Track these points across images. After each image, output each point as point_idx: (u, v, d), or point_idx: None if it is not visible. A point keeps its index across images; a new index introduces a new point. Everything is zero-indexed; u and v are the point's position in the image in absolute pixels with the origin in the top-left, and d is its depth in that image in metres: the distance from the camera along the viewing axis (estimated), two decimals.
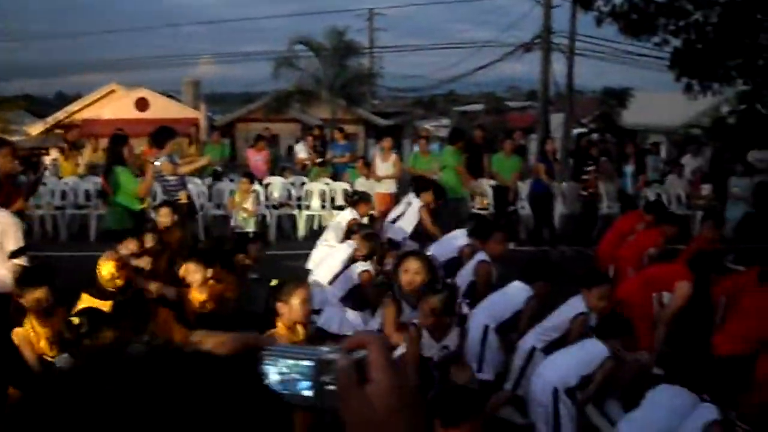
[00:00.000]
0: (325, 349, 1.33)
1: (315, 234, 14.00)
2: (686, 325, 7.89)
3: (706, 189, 18.20)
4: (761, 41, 20.32)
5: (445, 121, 38.21)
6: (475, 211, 15.60)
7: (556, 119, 29.60)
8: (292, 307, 5.62)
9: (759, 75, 21.10)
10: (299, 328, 5.81)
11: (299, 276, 7.58)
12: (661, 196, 17.76)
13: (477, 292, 7.95)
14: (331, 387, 1.29)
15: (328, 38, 30.82)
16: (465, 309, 6.84)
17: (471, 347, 7.23)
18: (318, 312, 7.77)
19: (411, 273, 6.67)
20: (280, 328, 5.61)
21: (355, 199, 12.01)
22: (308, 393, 1.31)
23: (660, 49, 20.84)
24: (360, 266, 7.96)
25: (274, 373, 1.32)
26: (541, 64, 27.81)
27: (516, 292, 7.38)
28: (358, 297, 7.95)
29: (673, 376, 5.76)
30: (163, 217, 10.01)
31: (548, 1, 27.16)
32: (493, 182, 16.09)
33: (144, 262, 8.28)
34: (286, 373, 1.32)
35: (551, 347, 6.59)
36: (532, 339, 6.84)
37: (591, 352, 6.19)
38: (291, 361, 1.32)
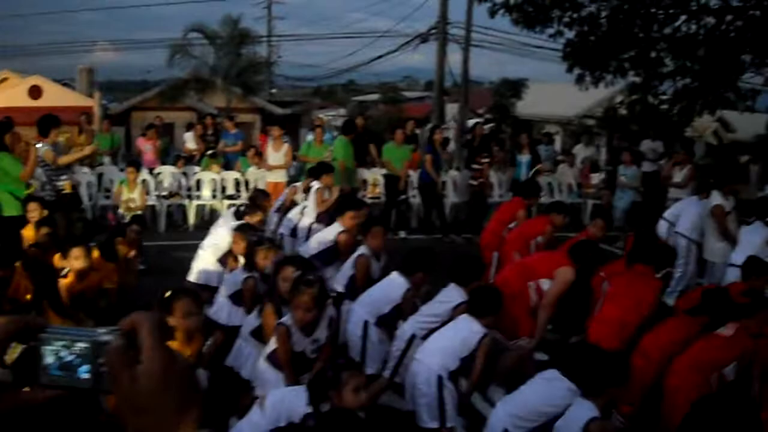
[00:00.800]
0: (101, 330, 1.27)
1: (206, 224, 13.74)
2: (568, 313, 7.96)
3: (596, 178, 18.51)
4: (653, 34, 20.70)
5: (343, 111, 38.13)
6: (367, 200, 15.60)
7: (452, 109, 29.75)
8: (177, 320, 5.53)
9: (651, 67, 21.47)
10: (196, 336, 5.79)
11: (183, 285, 7.43)
12: (552, 185, 18.02)
13: (355, 286, 7.91)
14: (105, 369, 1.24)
15: (222, 26, 30.49)
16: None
17: (352, 343, 7.23)
18: None
19: (289, 281, 6.61)
20: (178, 338, 5.53)
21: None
22: (86, 376, 1.26)
23: (555, 41, 21.05)
24: (244, 273, 7.79)
25: (51, 356, 1.27)
26: (437, 54, 27.87)
27: (393, 285, 7.35)
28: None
29: (556, 362, 5.80)
30: (31, 212, 9.69)
31: None
32: (384, 171, 16.01)
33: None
34: (65, 356, 1.27)
35: (430, 335, 6.57)
36: (411, 327, 6.83)
37: (467, 332, 6.20)
38: (68, 343, 1.27)
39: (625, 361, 5.31)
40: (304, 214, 11.15)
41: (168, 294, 5.74)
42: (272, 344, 6.08)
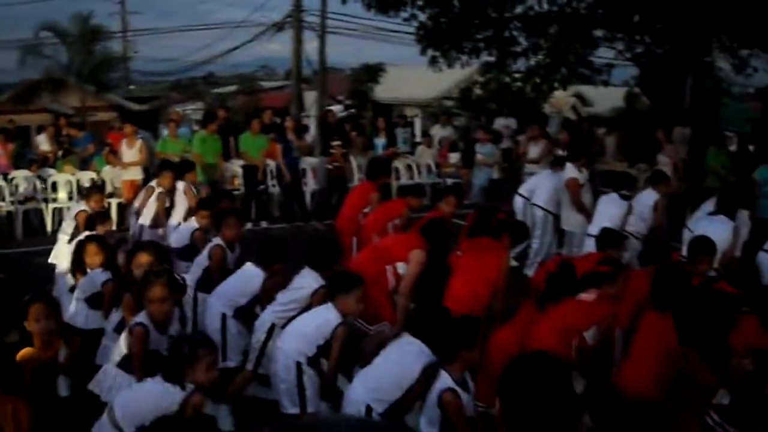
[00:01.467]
0: None
1: None
2: (427, 293, 8.03)
3: (453, 157, 18.81)
4: (506, 14, 21.05)
5: (202, 105, 37.70)
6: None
7: (311, 97, 29.72)
8: (32, 324, 5.46)
9: (505, 46, 21.86)
10: (54, 340, 5.68)
11: (39, 289, 7.28)
12: (411, 166, 18.24)
13: (210, 277, 7.86)
14: None
15: (73, 24, 29.84)
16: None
17: (211, 336, 7.17)
18: None
19: (144, 267, 6.53)
20: (35, 343, 5.46)
21: (85, 192, 11.56)
22: None
23: (409, 24, 21.23)
24: (103, 275, 7.63)
25: None
26: (293, 42, 27.78)
27: (249, 276, 7.33)
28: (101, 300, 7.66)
29: (408, 330, 5.88)
30: None
31: None
32: (242, 162, 15.93)
33: None
34: None
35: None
36: (269, 317, 6.81)
37: (322, 320, 6.22)
38: None
39: (474, 324, 5.39)
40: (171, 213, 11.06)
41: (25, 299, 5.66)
42: (122, 350, 6.05)
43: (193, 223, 9.34)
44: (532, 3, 21.42)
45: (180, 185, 11.15)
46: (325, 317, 6.23)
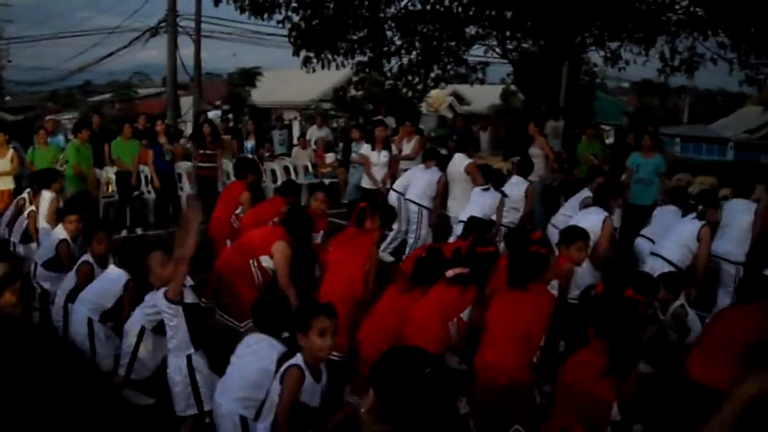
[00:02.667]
0: None
1: None
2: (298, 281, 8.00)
3: (330, 157, 18.87)
4: (381, 14, 21.16)
5: (78, 114, 37.02)
6: (101, 199, 15.28)
7: (188, 103, 29.47)
8: None
9: (379, 46, 21.99)
10: None
11: None
12: (288, 167, 18.22)
13: (78, 290, 7.68)
14: None
15: None
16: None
17: (79, 343, 7.02)
18: None
19: None
20: None
21: None
22: None
23: (283, 27, 21.15)
24: None
25: None
26: (167, 48, 27.49)
27: (112, 278, 7.22)
28: None
29: (256, 323, 5.84)
30: None
31: None
32: (116, 169, 15.64)
33: None
34: None
35: (160, 326, 6.48)
36: (139, 319, 6.72)
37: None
38: None
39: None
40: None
41: None
42: None
43: (59, 231, 9.11)
44: (406, 2, 21.62)
45: (47, 196, 10.91)
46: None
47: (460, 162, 11.98)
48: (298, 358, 4.90)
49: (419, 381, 2.59)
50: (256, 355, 5.49)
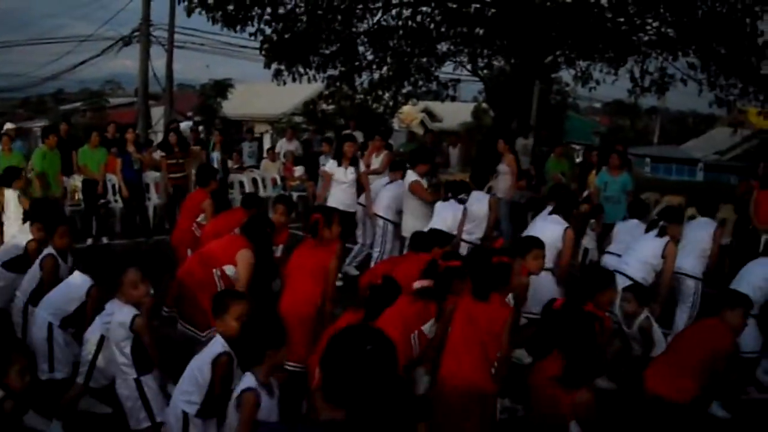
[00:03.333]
0: None
1: None
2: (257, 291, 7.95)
3: (299, 170, 18.87)
4: (353, 29, 21.21)
5: (47, 121, 36.81)
6: (67, 207, 15.17)
7: (159, 113, 29.40)
8: None
9: (351, 60, 22.03)
10: None
11: None
12: (257, 179, 18.20)
13: (42, 288, 7.61)
14: None
15: None
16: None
17: (38, 347, 6.97)
18: None
19: None
20: None
21: None
22: None
23: (256, 39, 21.11)
24: None
25: None
26: (140, 57, 27.42)
27: (75, 284, 7.14)
28: None
29: None
30: None
31: None
32: (82, 177, 15.48)
33: None
34: None
35: None
36: (98, 328, 6.64)
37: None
38: None
39: (279, 324, 5.34)
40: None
41: None
42: None
43: (24, 236, 9.03)
44: (379, 17, 21.68)
45: (10, 194, 10.85)
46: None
47: (407, 179, 11.94)
48: (249, 380, 4.87)
49: (360, 358, 2.55)
50: (203, 356, 5.49)
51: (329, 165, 12.59)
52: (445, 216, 10.88)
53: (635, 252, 9.10)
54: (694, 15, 18.48)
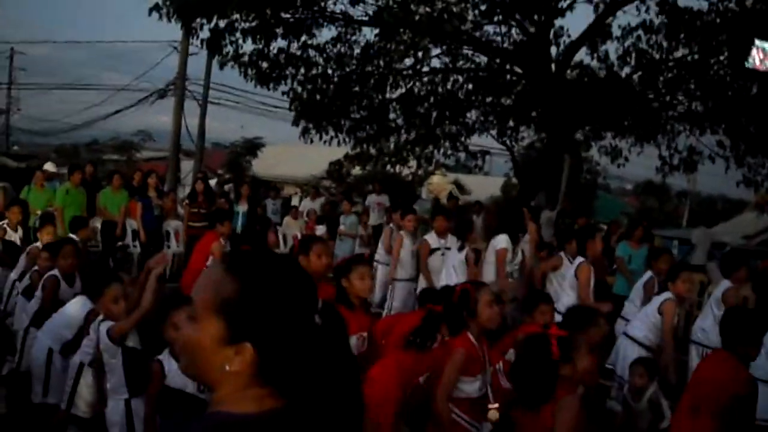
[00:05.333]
0: None
1: None
2: None
3: (320, 229, 18.88)
4: (386, 95, 21.35)
5: None
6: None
7: (188, 167, 29.59)
8: None
9: (382, 124, 22.13)
10: None
11: None
12: (278, 236, 18.24)
13: (44, 310, 7.59)
14: None
15: None
16: None
17: (35, 370, 6.94)
18: None
19: None
20: None
21: None
22: None
23: (288, 99, 21.26)
24: None
25: None
26: (174, 110, 27.67)
27: (75, 308, 7.09)
28: None
29: None
30: None
31: (185, 48, 26.96)
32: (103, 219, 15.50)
33: None
34: None
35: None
36: (79, 356, 6.57)
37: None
38: None
39: None
40: None
41: None
42: None
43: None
44: (410, 85, 21.80)
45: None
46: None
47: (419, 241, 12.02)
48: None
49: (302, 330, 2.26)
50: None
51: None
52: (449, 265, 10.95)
53: (641, 313, 8.97)
54: (724, 93, 18.50)
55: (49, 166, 16.77)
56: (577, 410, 4.60)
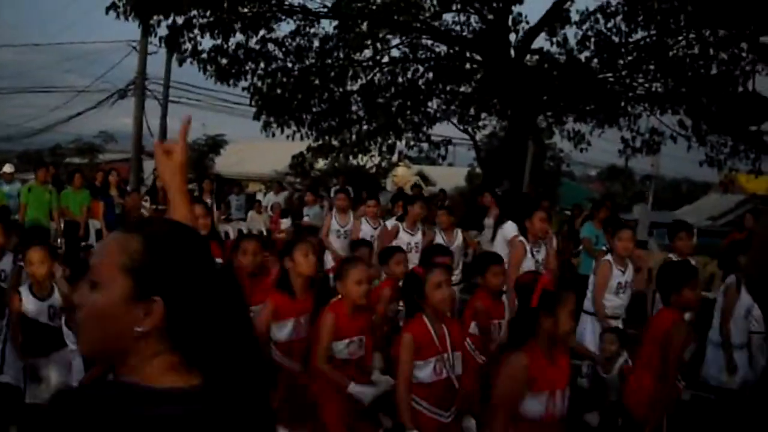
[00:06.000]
0: None
1: None
2: None
3: (285, 223, 18.85)
4: (347, 87, 21.26)
5: None
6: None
7: (151, 167, 29.39)
8: None
9: (342, 116, 22.05)
10: None
11: None
12: (243, 231, 18.15)
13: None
14: None
15: None
16: None
17: (13, 377, 6.90)
18: None
19: None
20: None
21: None
22: None
23: (249, 95, 21.11)
24: None
25: None
26: (134, 110, 27.47)
27: None
28: None
29: None
30: None
31: (144, 47, 26.72)
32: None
33: None
34: None
35: None
36: None
37: None
38: None
39: None
40: None
41: None
42: None
43: None
44: (371, 76, 21.73)
45: None
46: None
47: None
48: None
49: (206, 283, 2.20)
50: None
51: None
52: None
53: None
54: (683, 73, 18.55)
55: (7, 168, 16.58)
56: (517, 370, 4.54)
